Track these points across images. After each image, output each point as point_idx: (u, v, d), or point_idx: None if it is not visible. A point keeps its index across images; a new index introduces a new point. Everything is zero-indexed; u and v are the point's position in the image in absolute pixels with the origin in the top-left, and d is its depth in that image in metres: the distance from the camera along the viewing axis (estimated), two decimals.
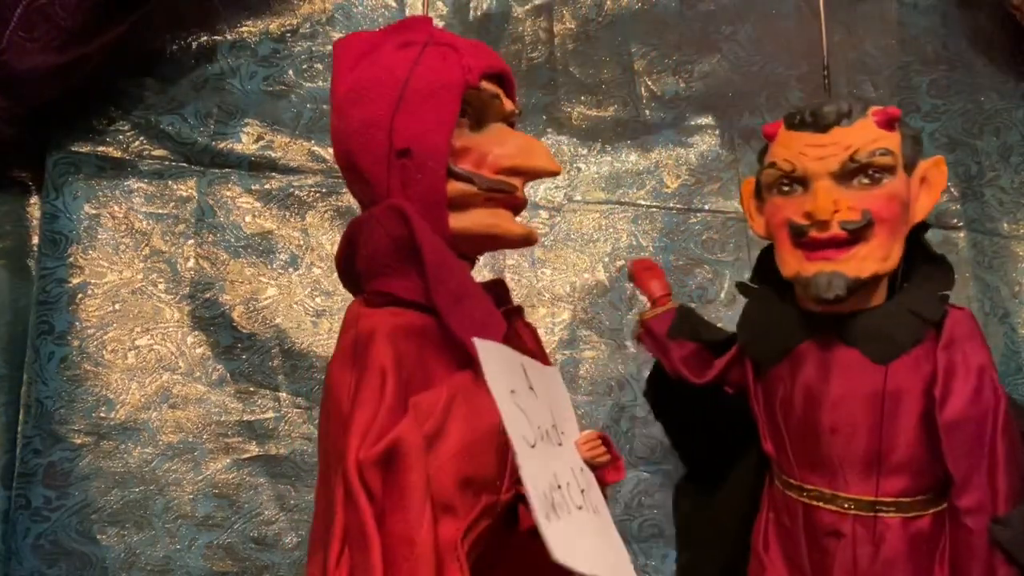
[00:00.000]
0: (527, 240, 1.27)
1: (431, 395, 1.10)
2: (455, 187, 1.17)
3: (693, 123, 2.48)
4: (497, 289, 1.36)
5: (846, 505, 1.36)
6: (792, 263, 1.37)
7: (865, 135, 1.32)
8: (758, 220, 1.49)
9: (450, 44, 1.21)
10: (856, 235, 1.30)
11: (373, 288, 1.21)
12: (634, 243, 2.43)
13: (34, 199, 2.31)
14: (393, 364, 1.10)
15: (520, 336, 1.32)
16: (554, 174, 1.24)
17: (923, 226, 1.42)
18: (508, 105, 1.25)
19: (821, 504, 1.38)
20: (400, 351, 1.12)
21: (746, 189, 1.53)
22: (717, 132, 2.48)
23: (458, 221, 1.19)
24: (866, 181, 1.31)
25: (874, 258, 1.31)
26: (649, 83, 2.48)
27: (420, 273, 1.14)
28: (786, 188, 1.38)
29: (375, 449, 1.04)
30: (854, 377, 1.35)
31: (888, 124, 1.32)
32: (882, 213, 1.30)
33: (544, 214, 2.41)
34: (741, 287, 1.58)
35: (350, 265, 1.26)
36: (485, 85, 1.21)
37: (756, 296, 1.52)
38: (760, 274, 1.56)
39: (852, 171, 1.31)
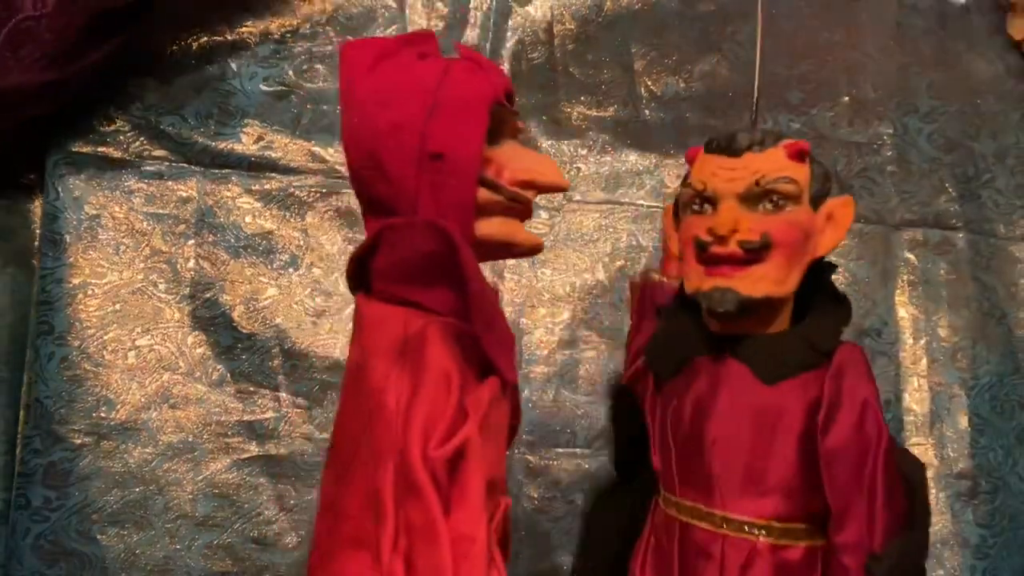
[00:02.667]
0: (536, 249, 1.32)
1: (476, 398, 1.13)
2: (483, 194, 1.21)
3: (693, 123, 2.48)
4: None
5: (719, 523, 1.37)
6: (694, 278, 1.43)
7: (773, 163, 1.37)
8: (674, 240, 1.54)
9: (475, 60, 1.26)
10: (752, 255, 1.36)
11: (388, 290, 1.23)
12: (634, 243, 2.43)
13: (38, 199, 2.30)
14: (455, 366, 1.13)
15: None
16: (563, 190, 1.32)
17: (830, 266, 1.49)
18: (520, 124, 1.30)
19: (696, 521, 1.40)
20: (455, 353, 1.14)
21: (667, 212, 1.59)
22: (717, 132, 2.48)
23: (481, 228, 1.22)
24: (769, 206, 1.36)
25: (768, 279, 1.36)
26: (649, 83, 2.48)
27: (453, 289, 1.17)
28: (696, 207, 1.43)
29: (449, 446, 1.07)
30: (741, 392, 1.38)
31: (797, 156, 1.38)
32: (780, 237, 1.35)
33: (544, 214, 2.41)
34: (658, 311, 1.64)
35: (363, 264, 1.26)
36: (504, 103, 1.25)
37: (666, 314, 1.58)
38: (681, 297, 1.58)
39: (757, 195, 1.37)
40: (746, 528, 1.35)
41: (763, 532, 1.35)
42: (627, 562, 1.56)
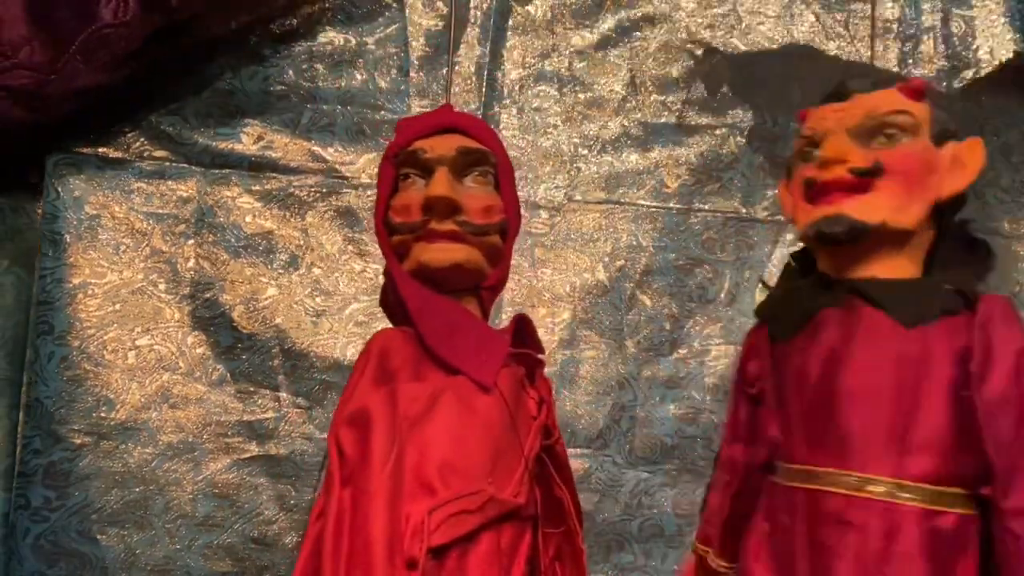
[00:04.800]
0: (443, 265, 1.36)
1: (419, 385, 1.27)
2: (395, 239, 1.39)
3: (693, 123, 2.48)
4: (518, 328, 1.44)
5: (858, 486, 1.19)
6: (803, 219, 1.31)
7: (886, 99, 1.28)
8: (787, 201, 1.40)
9: (401, 129, 1.44)
10: (864, 180, 1.24)
11: (391, 318, 1.46)
12: (634, 243, 2.42)
13: (43, 200, 2.31)
14: (378, 351, 1.31)
15: (536, 384, 1.44)
16: (440, 196, 1.34)
17: (965, 220, 1.35)
18: (436, 151, 1.37)
19: (829, 488, 1.21)
20: (390, 345, 1.32)
21: (781, 184, 1.45)
22: (717, 132, 2.48)
23: (406, 265, 1.38)
24: (883, 139, 1.26)
25: (884, 206, 1.24)
26: (649, 83, 2.48)
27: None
28: (807, 152, 1.33)
29: (346, 410, 1.25)
30: (879, 339, 1.23)
31: (913, 94, 1.28)
32: (895, 165, 1.24)
33: (544, 214, 2.41)
34: (765, 283, 1.54)
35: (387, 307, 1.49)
36: (415, 145, 1.39)
37: (778, 280, 1.46)
38: (785, 271, 1.48)
39: (869, 129, 1.26)
40: (892, 491, 1.17)
41: (911, 496, 1.17)
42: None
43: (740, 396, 1.41)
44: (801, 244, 1.42)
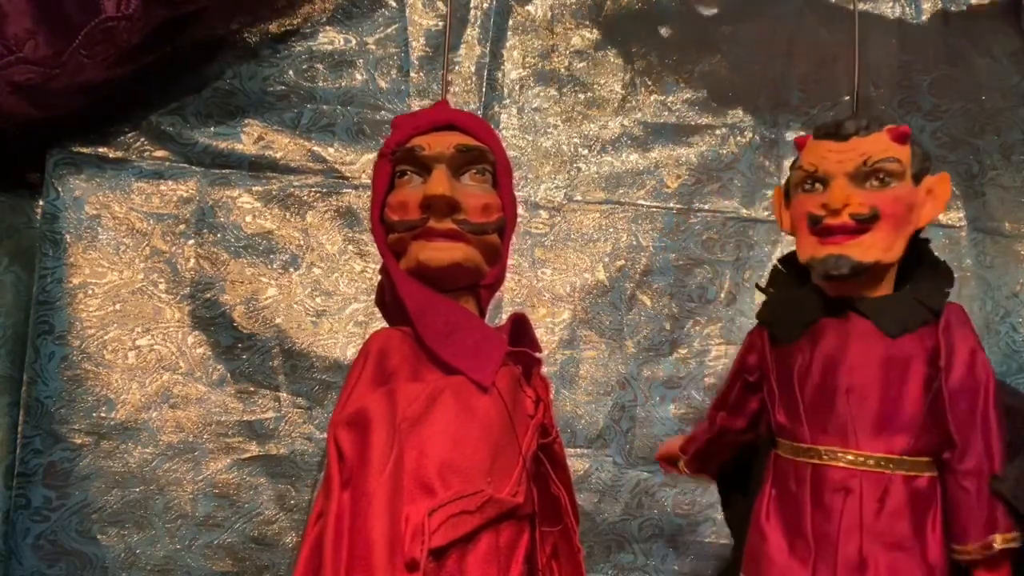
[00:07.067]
0: (437, 263, 1.35)
1: (418, 386, 1.27)
2: (392, 237, 1.39)
3: (693, 123, 2.48)
4: (516, 327, 1.46)
5: (857, 461, 1.52)
6: (807, 248, 1.58)
7: (878, 145, 1.54)
8: (785, 217, 1.69)
9: (398, 125, 1.44)
10: (863, 225, 1.52)
11: (388, 318, 1.46)
12: (634, 243, 2.42)
13: (42, 198, 2.31)
14: (376, 351, 1.31)
15: (533, 383, 1.44)
16: (439, 195, 1.33)
17: (925, 240, 1.65)
18: (433, 149, 1.37)
19: (832, 463, 1.54)
20: (388, 345, 1.32)
21: (777, 193, 1.74)
22: (717, 132, 2.48)
23: (403, 263, 1.38)
24: (876, 183, 1.53)
25: (877, 247, 1.52)
26: (649, 83, 2.48)
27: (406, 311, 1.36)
28: (808, 187, 1.59)
29: (345, 412, 1.25)
30: (869, 345, 1.54)
31: (899, 139, 1.54)
32: (887, 210, 1.51)
33: (544, 214, 2.41)
34: (760, 287, 1.78)
35: (383, 306, 1.49)
36: (413, 142, 1.38)
37: (776, 285, 1.73)
38: (776, 276, 1.76)
39: (865, 174, 1.53)
40: (882, 463, 1.51)
41: (896, 466, 1.51)
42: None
43: (737, 379, 1.74)
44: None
